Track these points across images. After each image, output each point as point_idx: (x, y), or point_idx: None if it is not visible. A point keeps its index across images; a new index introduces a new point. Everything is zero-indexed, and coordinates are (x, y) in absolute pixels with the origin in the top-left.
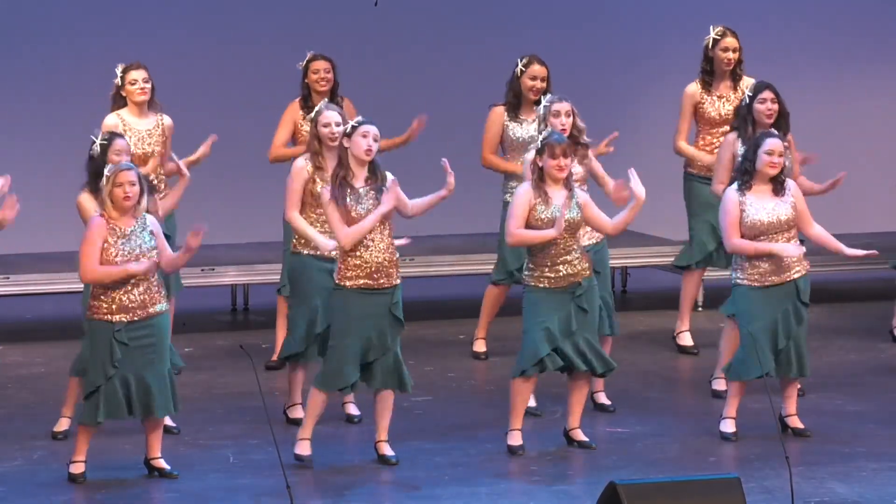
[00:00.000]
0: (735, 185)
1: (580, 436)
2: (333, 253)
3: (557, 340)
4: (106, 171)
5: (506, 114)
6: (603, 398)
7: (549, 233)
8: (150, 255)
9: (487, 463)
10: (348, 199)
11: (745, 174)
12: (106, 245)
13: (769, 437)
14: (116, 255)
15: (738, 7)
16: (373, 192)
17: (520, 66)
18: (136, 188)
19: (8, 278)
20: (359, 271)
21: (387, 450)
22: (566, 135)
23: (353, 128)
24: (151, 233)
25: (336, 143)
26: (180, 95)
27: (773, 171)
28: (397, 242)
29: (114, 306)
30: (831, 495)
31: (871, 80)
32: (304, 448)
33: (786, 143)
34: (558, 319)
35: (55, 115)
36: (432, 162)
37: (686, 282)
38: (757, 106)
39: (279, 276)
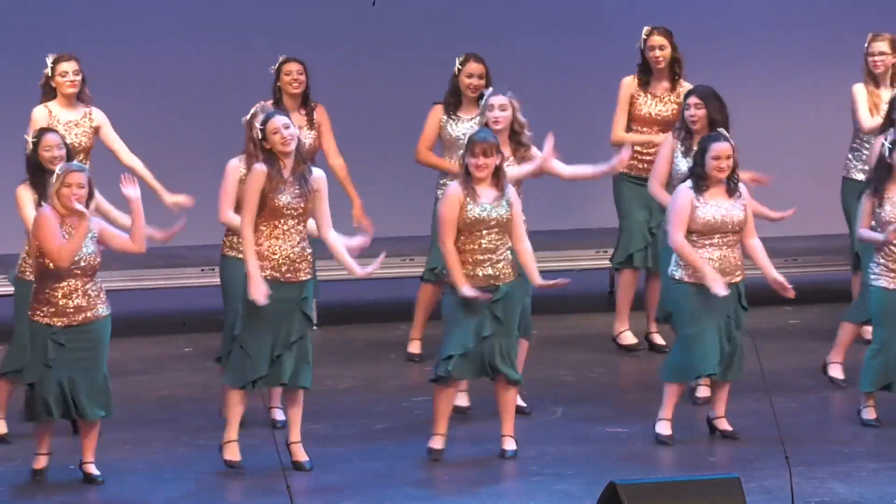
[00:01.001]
0: (689, 183)
1: (509, 443)
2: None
3: (469, 345)
4: (57, 170)
5: (444, 112)
6: (519, 400)
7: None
8: (90, 260)
9: (487, 463)
10: (275, 189)
11: (698, 178)
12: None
13: (769, 437)
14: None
15: (734, 10)
16: (296, 184)
17: (457, 64)
18: (84, 191)
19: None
20: (267, 262)
21: (301, 455)
22: (501, 127)
23: (261, 129)
24: (93, 238)
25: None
26: (178, 96)
27: (722, 175)
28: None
29: (52, 310)
30: (831, 495)
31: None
32: (233, 453)
33: None
34: (473, 324)
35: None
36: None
37: (622, 282)
38: (685, 112)
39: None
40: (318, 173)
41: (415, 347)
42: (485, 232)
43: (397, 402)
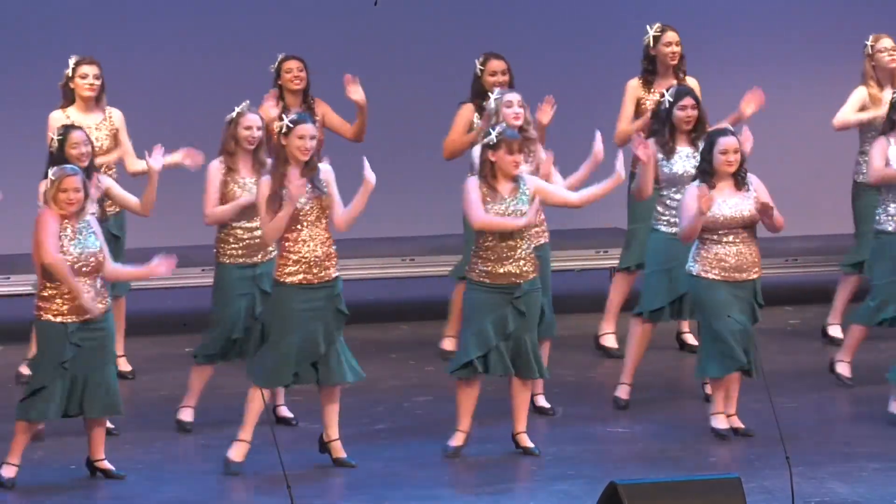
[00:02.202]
0: (697, 182)
1: (525, 441)
2: (259, 257)
3: (491, 342)
4: (50, 175)
5: (476, 112)
6: (542, 401)
7: (518, 221)
8: (96, 256)
9: (488, 463)
10: (285, 195)
11: (704, 174)
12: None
13: (769, 437)
14: (66, 255)
15: (736, 8)
16: (308, 186)
17: (478, 66)
18: (80, 194)
19: (8, 278)
20: (297, 267)
21: (342, 451)
22: (521, 123)
23: (289, 128)
24: (94, 234)
25: (253, 147)
26: (180, 98)
27: (730, 169)
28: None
29: (65, 308)
30: (832, 495)
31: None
32: (239, 453)
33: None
34: (493, 321)
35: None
36: (431, 163)
37: (618, 284)
38: (677, 112)
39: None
40: (324, 168)
41: (449, 345)
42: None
43: (397, 402)
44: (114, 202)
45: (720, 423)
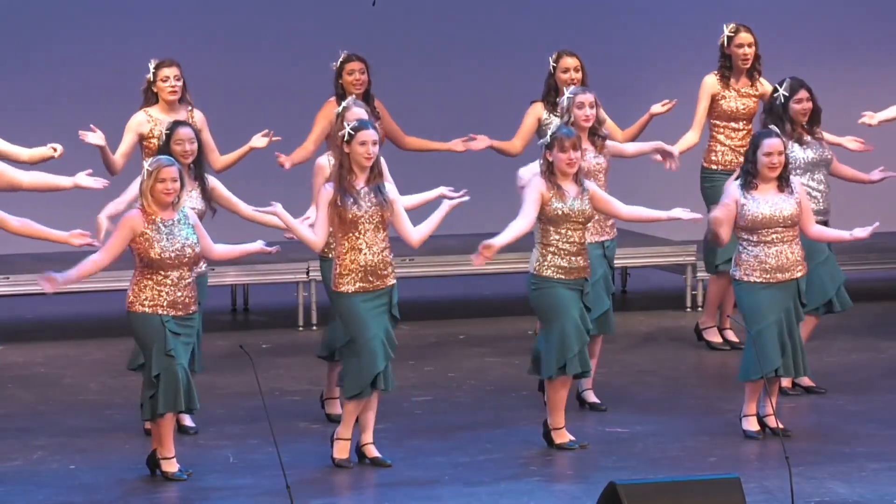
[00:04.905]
0: (739, 181)
1: (373, 452)
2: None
3: (587, 340)
4: (147, 166)
5: (544, 109)
6: (592, 396)
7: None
8: (195, 248)
9: (487, 463)
10: (348, 202)
11: (748, 175)
12: (147, 239)
13: (769, 437)
14: (161, 251)
15: (746, 3)
16: (371, 194)
17: (551, 62)
18: (177, 184)
19: (8, 278)
20: (353, 275)
21: (377, 451)
22: (590, 125)
23: (351, 135)
24: (192, 226)
25: None
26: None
27: (773, 173)
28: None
29: (165, 302)
30: (831, 495)
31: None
32: (342, 451)
33: (818, 137)
34: (578, 317)
35: (58, 117)
36: (433, 165)
37: (712, 283)
38: (793, 106)
39: (277, 277)
40: (391, 186)
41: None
42: (572, 226)
43: (397, 402)
44: (218, 202)
45: (749, 424)
